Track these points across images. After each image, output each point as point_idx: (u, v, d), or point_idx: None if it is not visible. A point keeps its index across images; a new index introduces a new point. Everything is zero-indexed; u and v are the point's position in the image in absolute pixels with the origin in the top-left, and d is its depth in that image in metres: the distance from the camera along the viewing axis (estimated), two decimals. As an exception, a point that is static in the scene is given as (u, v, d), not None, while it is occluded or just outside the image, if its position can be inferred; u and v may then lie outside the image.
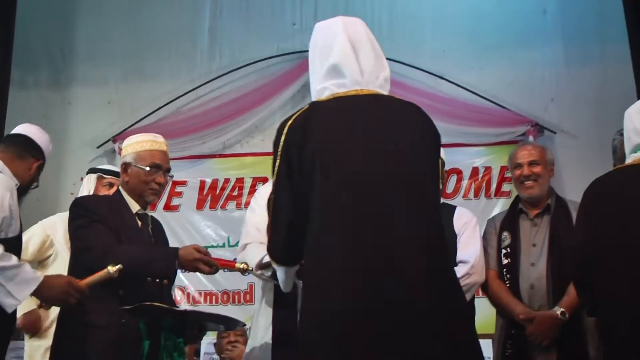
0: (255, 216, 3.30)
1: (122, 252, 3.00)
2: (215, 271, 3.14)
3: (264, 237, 3.05)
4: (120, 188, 3.36)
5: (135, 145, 3.33)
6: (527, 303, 3.62)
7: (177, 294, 5.90)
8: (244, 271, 3.09)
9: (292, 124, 2.35)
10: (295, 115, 2.39)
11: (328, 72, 2.48)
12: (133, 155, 3.29)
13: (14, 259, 2.82)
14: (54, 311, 4.14)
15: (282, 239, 2.38)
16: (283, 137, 2.34)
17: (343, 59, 2.46)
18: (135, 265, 2.98)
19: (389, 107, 2.41)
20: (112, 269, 2.84)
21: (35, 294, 2.86)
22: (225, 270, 3.24)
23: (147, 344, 2.91)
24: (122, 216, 3.21)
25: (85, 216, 3.15)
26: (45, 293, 2.86)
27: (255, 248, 3.16)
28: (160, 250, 3.19)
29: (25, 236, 4.25)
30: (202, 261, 3.03)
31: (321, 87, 2.48)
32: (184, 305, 5.85)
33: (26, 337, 4.25)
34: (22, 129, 3.43)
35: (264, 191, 3.26)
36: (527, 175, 3.81)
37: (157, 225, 3.46)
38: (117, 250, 3.00)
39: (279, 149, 2.34)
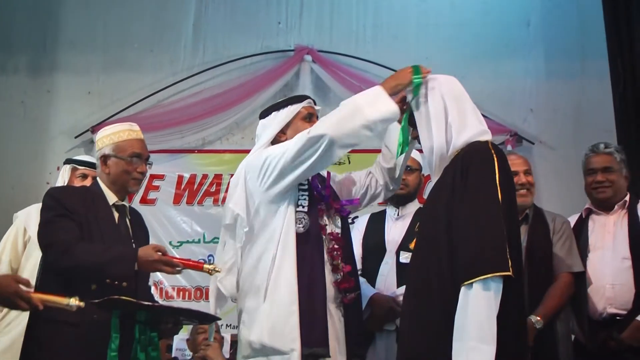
0: None
1: (80, 251, 2.96)
2: (179, 272, 3.10)
3: None
4: (98, 179, 3.33)
5: (112, 136, 3.31)
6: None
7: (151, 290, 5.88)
8: (211, 272, 3.06)
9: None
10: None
11: None
12: (112, 146, 3.27)
13: None
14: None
15: None
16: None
17: None
18: (92, 266, 2.95)
19: None
20: (74, 302, 2.70)
21: None
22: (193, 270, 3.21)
23: (116, 338, 2.88)
24: (97, 208, 3.19)
25: (54, 209, 3.12)
26: None
27: None
28: (118, 251, 3.09)
29: (9, 239, 4.24)
30: (162, 262, 3.00)
31: None
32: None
33: None
34: None
35: None
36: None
37: (136, 216, 3.44)
38: (76, 249, 2.96)
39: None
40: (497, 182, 2.64)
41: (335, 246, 3.22)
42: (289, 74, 6.34)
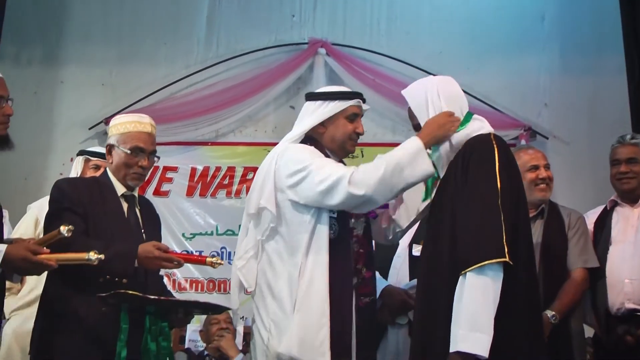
0: None
1: (80, 246, 2.86)
2: (180, 265, 3.05)
3: None
4: (107, 169, 3.30)
5: (119, 126, 3.25)
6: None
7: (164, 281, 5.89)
8: (215, 266, 3.04)
9: None
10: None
11: None
12: (117, 136, 3.22)
13: None
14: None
15: None
16: None
17: None
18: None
19: None
20: (93, 255, 2.71)
21: (5, 268, 2.76)
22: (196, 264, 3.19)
23: (125, 329, 2.88)
24: (105, 199, 3.15)
25: (58, 202, 3.09)
26: (7, 266, 2.74)
27: None
28: (119, 248, 3.01)
29: (20, 227, 4.25)
30: (162, 259, 2.97)
31: None
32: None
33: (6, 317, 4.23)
34: None
35: None
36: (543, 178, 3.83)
37: (146, 205, 3.40)
38: (75, 244, 2.87)
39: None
40: (497, 171, 2.66)
41: (360, 250, 3.19)
42: (302, 67, 6.33)
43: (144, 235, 3.22)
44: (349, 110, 3.25)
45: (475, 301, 2.50)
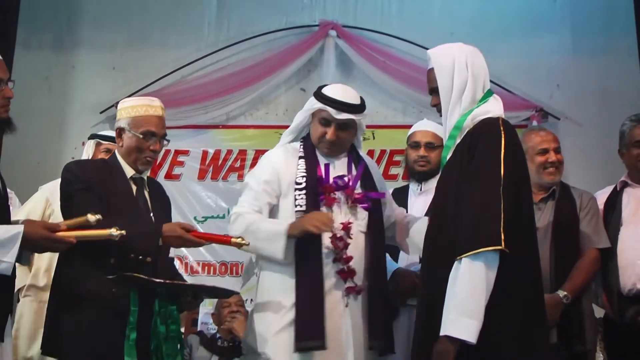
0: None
1: (101, 226, 2.84)
2: (201, 244, 3.12)
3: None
4: (116, 152, 3.29)
5: (129, 109, 3.23)
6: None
7: (175, 264, 5.92)
8: (240, 246, 3.04)
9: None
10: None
11: None
12: (127, 120, 3.20)
13: None
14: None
15: None
16: None
17: None
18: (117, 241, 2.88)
19: None
20: (115, 231, 2.74)
21: (23, 247, 2.72)
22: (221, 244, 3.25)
23: (134, 311, 2.90)
24: (114, 181, 3.15)
25: (73, 182, 3.08)
26: (29, 245, 2.72)
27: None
28: (143, 227, 3.06)
29: (28, 204, 4.28)
30: (186, 238, 2.98)
31: None
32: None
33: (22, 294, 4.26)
34: None
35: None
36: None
37: (156, 188, 3.39)
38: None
39: None
40: (502, 158, 2.63)
41: (341, 236, 3.20)
42: (313, 49, 6.32)
43: (152, 217, 3.22)
44: (318, 114, 3.31)
45: (467, 287, 2.51)
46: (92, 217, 2.77)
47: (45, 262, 4.16)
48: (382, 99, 6.30)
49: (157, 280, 2.89)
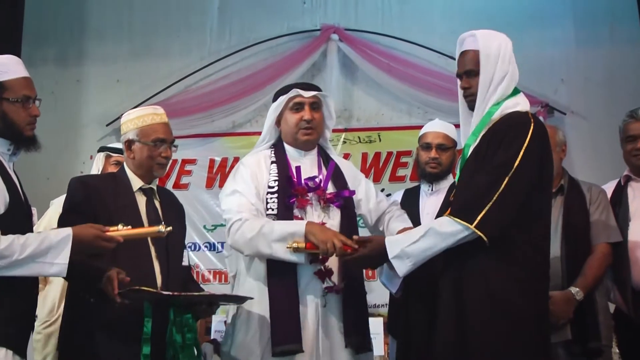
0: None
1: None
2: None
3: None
4: (124, 164, 3.32)
5: (135, 120, 3.26)
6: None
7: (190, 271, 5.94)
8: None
9: None
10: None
11: None
12: (135, 131, 3.23)
13: (30, 238, 2.65)
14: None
15: None
16: None
17: None
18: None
19: None
20: (163, 228, 2.83)
21: (74, 249, 2.70)
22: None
23: (148, 321, 2.91)
24: (117, 195, 3.16)
25: (65, 202, 3.19)
26: (79, 246, 2.71)
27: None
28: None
29: (44, 220, 4.30)
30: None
31: None
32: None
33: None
34: None
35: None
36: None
37: (167, 197, 3.42)
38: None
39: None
40: (523, 149, 2.67)
41: None
42: (316, 53, 6.33)
43: None
44: (289, 102, 3.37)
45: (429, 239, 2.74)
46: (163, 228, 2.83)
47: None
48: (386, 101, 6.31)
49: (166, 292, 2.90)
